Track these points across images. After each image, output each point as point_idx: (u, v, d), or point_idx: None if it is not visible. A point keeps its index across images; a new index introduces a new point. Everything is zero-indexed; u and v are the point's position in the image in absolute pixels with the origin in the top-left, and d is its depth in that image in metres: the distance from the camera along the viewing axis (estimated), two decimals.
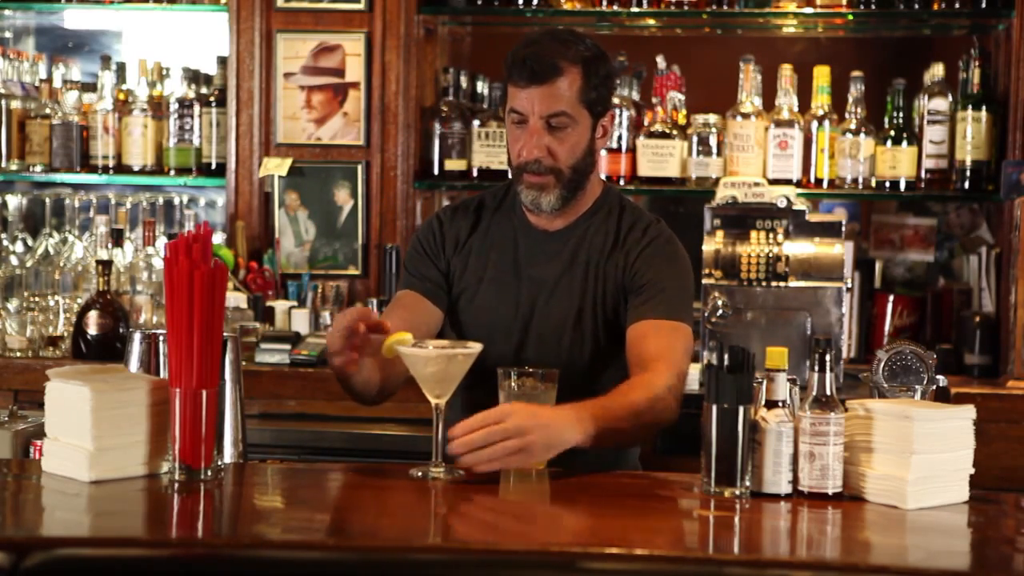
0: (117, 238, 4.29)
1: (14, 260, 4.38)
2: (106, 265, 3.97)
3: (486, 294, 2.87)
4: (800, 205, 3.92)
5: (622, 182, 4.23)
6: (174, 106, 4.42)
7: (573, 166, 2.76)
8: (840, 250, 3.86)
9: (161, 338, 2.52)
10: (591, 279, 2.83)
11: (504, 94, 2.80)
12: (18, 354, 3.96)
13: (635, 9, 4.30)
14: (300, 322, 4.13)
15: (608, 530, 2.24)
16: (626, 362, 2.76)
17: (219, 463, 2.46)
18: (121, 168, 4.47)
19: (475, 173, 4.28)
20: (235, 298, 4.02)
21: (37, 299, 4.14)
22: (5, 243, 4.49)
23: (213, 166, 4.41)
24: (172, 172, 4.43)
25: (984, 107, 4.10)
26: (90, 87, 4.57)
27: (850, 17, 4.27)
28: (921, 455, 2.35)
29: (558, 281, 2.84)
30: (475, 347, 2.52)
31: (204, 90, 4.47)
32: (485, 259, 2.88)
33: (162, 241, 4.30)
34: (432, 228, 2.92)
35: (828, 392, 2.39)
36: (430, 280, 2.87)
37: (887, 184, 4.17)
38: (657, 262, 2.80)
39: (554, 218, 2.84)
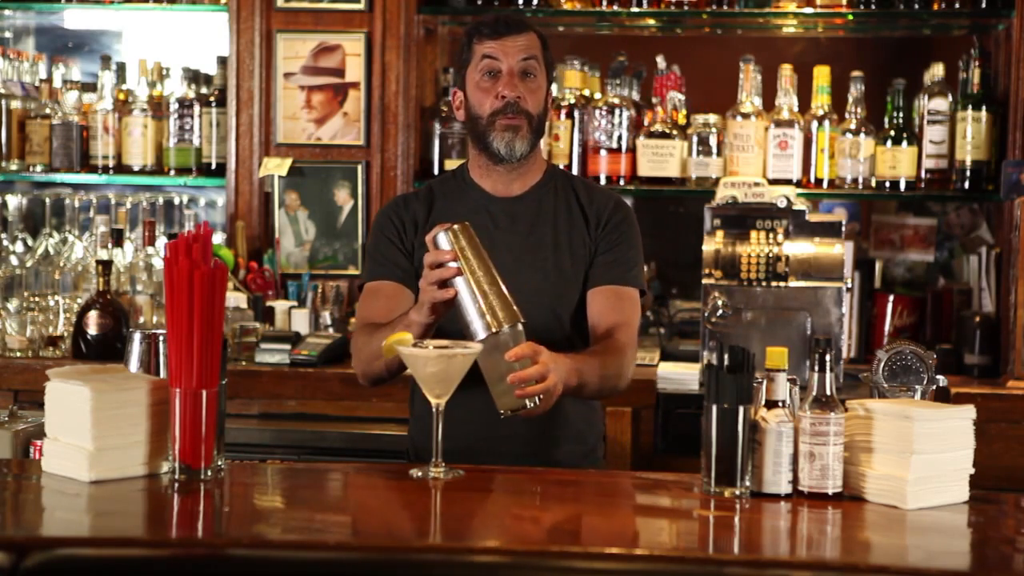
0: (117, 238, 4.29)
1: (14, 260, 4.38)
2: (106, 265, 3.97)
3: None
4: (800, 205, 3.92)
5: (622, 182, 4.23)
6: (174, 106, 4.42)
7: (539, 115, 2.93)
8: (840, 250, 3.86)
9: (161, 338, 2.52)
10: (557, 239, 2.95)
11: (464, 57, 2.94)
12: (18, 354, 3.96)
13: (635, 9, 4.30)
14: (300, 322, 4.13)
15: (608, 530, 2.24)
16: (582, 314, 2.94)
17: (219, 463, 2.46)
18: (121, 168, 4.47)
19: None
20: (235, 298, 4.02)
21: (37, 299, 4.14)
22: (5, 243, 4.49)
23: (213, 166, 4.41)
24: (172, 172, 4.44)
25: (984, 107, 4.10)
26: (90, 87, 4.57)
27: (850, 17, 4.27)
28: (921, 455, 2.36)
29: (526, 240, 2.93)
30: (475, 347, 2.52)
31: (204, 90, 4.47)
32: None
33: (162, 241, 4.30)
34: (389, 217, 3.00)
35: (828, 392, 2.39)
36: (400, 267, 2.93)
37: (887, 184, 4.17)
38: (620, 231, 2.97)
39: (512, 183, 2.96)
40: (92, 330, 3.93)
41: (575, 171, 4.21)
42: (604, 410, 3.10)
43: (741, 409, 2.37)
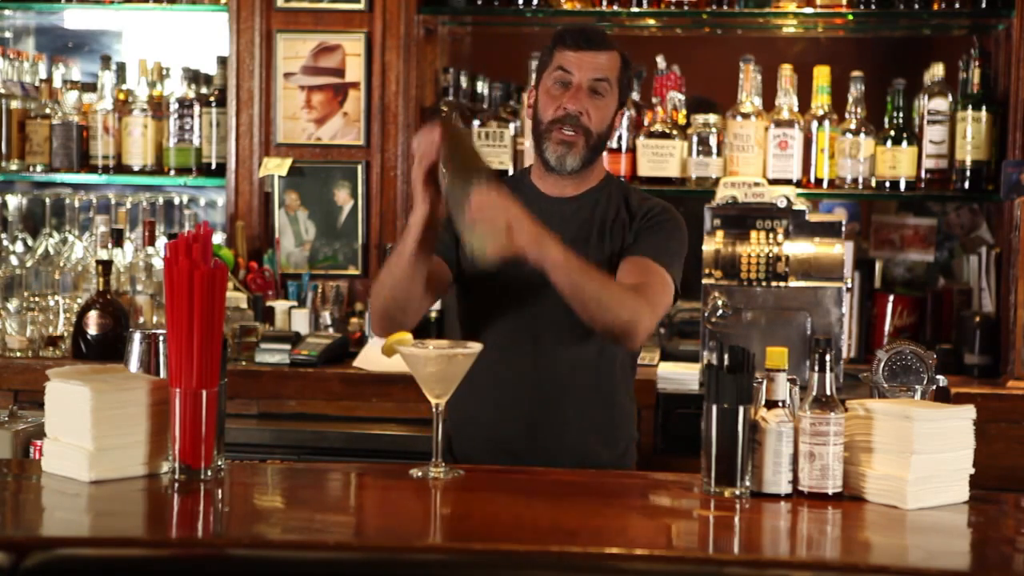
0: (117, 238, 4.29)
1: (14, 260, 4.38)
2: (106, 265, 3.97)
3: None
4: (800, 205, 3.92)
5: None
6: (174, 106, 4.42)
7: (599, 133, 2.93)
8: (840, 250, 3.86)
9: (161, 338, 2.52)
10: (602, 240, 2.95)
11: (543, 63, 2.94)
12: (18, 354, 3.96)
13: (635, 9, 4.30)
14: (300, 322, 4.13)
15: (608, 530, 2.24)
16: None
17: (219, 463, 2.46)
18: (121, 168, 4.47)
19: None
20: (235, 298, 4.02)
21: (37, 299, 4.14)
22: (5, 243, 4.49)
23: (213, 166, 4.41)
24: (172, 172, 4.43)
25: (984, 107, 4.10)
26: (90, 87, 4.57)
27: (850, 17, 4.27)
28: (921, 455, 2.36)
29: (573, 240, 2.90)
30: (475, 347, 2.53)
31: (204, 90, 4.47)
32: None
33: (162, 241, 4.30)
34: None
35: (828, 392, 2.39)
36: (442, 242, 2.92)
37: (887, 184, 4.17)
38: (660, 223, 2.95)
39: (566, 186, 2.98)
40: (92, 330, 3.93)
41: None
42: (636, 415, 3.07)
43: (741, 409, 2.37)
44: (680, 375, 3.83)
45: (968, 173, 4.11)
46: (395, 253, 2.78)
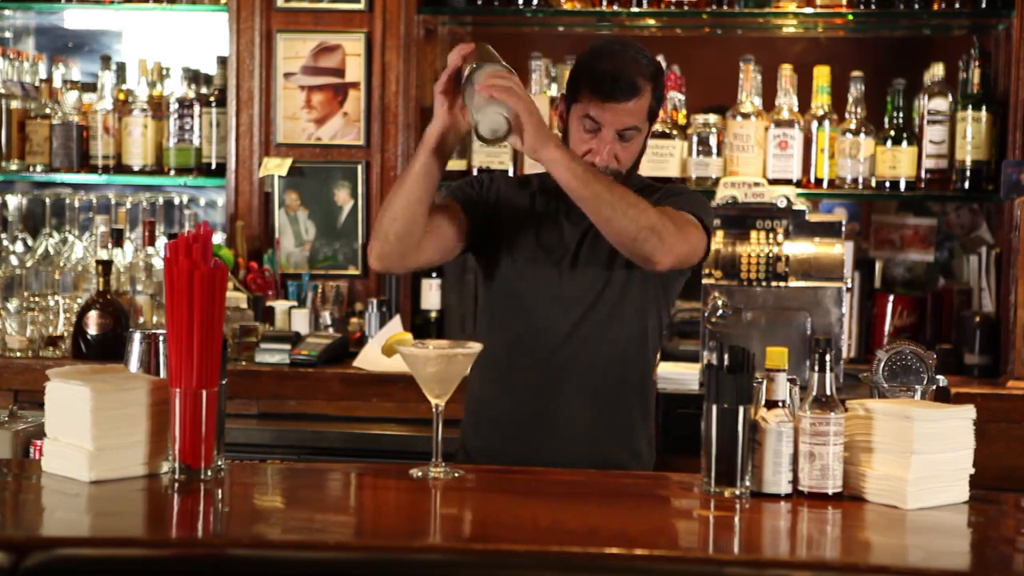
0: (117, 238, 4.29)
1: (14, 260, 4.38)
2: (106, 265, 3.97)
3: (534, 235, 2.95)
4: (800, 205, 3.92)
5: None
6: (174, 106, 4.42)
7: (630, 166, 2.93)
8: (840, 250, 3.86)
9: (161, 338, 2.52)
10: None
11: (571, 91, 2.91)
12: (18, 354, 3.96)
13: (635, 9, 4.30)
14: (300, 322, 4.13)
15: (608, 530, 2.24)
16: (645, 308, 2.93)
17: (219, 463, 2.46)
18: (121, 168, 4.47)
19: (475, 173, 4.28)
20: (235, 298, 4.02)
21: (37, 299, 4.14)
22: (5, 243, 4.49)
23: (213, 166, 4.41)
24: (172, 172, 4.43)
25: (984, 107, 4.10)
26: (90, 87, 4.57)
27: (850, 17, 4.27)
28: (921, 455, 2.36)
29: (591, 231, 2.89)
30: (475, 347, 2.53)
31: (204, 90, 4.47)
32: (531, 210, 2.97)
33: (162, 241, 4.30)
34: (483, 176, 3.06)
35: (828, 392, 2.39)
36: (468, 197, 2.95)
37: (887, 184, 4.17)
38: (682, 193, 2.97)
39: None
40: (92, 330, 3.93)
41: None
42: (653, 418, 3.08)
43: (741, 409, 2.37)
44: (680, 375, 3.83)
45: (968, 173, 4.11)
46: (406, 169, 2.76)
